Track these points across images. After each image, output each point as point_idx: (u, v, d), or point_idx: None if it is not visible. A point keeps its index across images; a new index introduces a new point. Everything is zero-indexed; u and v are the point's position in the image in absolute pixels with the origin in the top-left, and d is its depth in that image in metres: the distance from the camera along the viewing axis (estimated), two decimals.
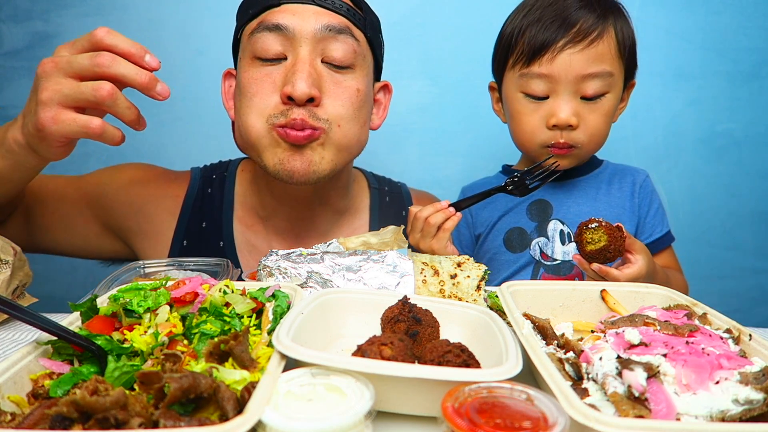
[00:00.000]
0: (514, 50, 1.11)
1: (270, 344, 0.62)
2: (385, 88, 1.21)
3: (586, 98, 1.07)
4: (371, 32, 1.09)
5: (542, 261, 1.17)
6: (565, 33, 1.05)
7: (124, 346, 0.61)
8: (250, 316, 0.68)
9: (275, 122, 0.99)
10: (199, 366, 0.55)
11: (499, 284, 0.81)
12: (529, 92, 1.10)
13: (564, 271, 1.15)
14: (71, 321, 0.67)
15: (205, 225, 1.17)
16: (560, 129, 1.09)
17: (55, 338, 0.60)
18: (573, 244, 1.16)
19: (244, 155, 1.26)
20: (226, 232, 1.16)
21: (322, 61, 1.02)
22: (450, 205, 1.02)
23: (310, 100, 0.98)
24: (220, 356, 0.57)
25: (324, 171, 1.03)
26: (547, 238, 1.17)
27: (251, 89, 1.01)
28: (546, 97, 1.09)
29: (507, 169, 1.31)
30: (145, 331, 0.63)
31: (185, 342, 0.62)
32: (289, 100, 0.98)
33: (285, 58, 1.01)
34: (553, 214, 1.19)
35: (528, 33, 1.08)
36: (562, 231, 1.17)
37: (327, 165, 1.03)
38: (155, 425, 0.47)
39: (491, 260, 1.21)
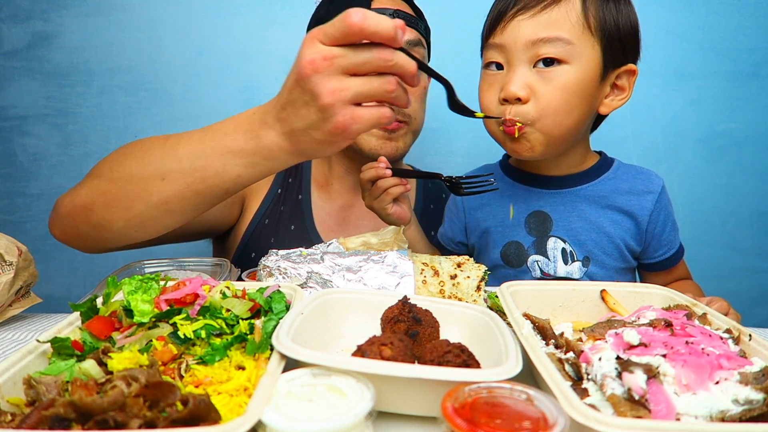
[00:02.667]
0: (483, 32, 1.08)
1: (269, 348, 0.62)
2: None
3: (543, 65, 0.97)
4: (427, 36, 1.34)
5: (544, 279, 1.10)
6: (516, 3, 0.99)
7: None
8: (248, 318, 0.68)
9: None
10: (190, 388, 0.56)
11: None
12: (487, 63, 1.05)
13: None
14: (71, 321, 0.67)
15: (290, 180, 1.42)
16: (510, 103, 0.98)
17: (55, 338, 0.60)
18: (577, 263, 1.09)
19: None
20: (304, 189, 1.41)
21: None
22: (391, 171, 1.10)
23: None
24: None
25: (405, 152, 1.33)
26: (547, 257, 1.10)
27: None
28: (503, 69, 1.02)
29: (506, 162, 1.24)
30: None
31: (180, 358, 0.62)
32: None
33: None
34: (553, 230, 1.10)
35: (491, 10, 1.05)
36: (563, 249, 1.10)
37: (407, 147, 1.33)
38: (154, 425, 0.47)
39: (491, 273, 1.13)
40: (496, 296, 0.81)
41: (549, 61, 0.96)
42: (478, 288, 0.89)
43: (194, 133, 0.85)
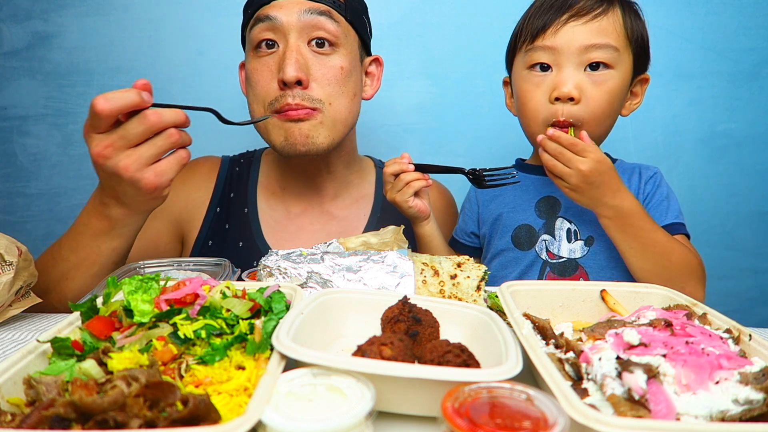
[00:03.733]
0: (521, 34, 1.13)
1: (269, 348, 0.62)
2: (376, 61, 1.36)
3: (590, 69, 1.06)
4: (351, 15, 1.22)
5: (548, 260, 1.16)
6: (568, 10, 1.07)
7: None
8: (248, 318, 0.68)
9: (273, 108, 1.15)
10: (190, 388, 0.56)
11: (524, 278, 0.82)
12: (533, 63, 1.10)
13: (569, 271, 1.15)
14: (71, 321, 0.67)
15: (233, 195, 1.36)
16: (562, 102, 1.06)
17: (55, 338, 0.60)
18: (579, 242, 1.15)
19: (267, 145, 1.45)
20: (251, 200, 1.34)
21: (309, 44, 1.16)
22: (414, 166, 1.14)
23: (299, 83, 1.13)
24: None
25: (322, 145, 1.19)
26: (553, 236, 1.17)
27: (253, 78, 1.18)
28: (550, 70, 1.09)
29: (520, 163, 1.31)
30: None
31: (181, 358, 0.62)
32: (284, 85, 1.13)
33: (278, 47, 1.16)
34: (561, 212, 1.18)
35: (533, 16, 1.11)
36: (569, 229, 1.16)
37: (325, 140, 1.19)
38: (154, 425, 0.47)
39: (500, 257, 1.21)
40: (496, 296, 0.81)
41: (595, 66, 1.06)
42: (478, 288, 0.89)
43: (65, 236, 1.03)
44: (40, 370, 0.58)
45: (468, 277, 0.90)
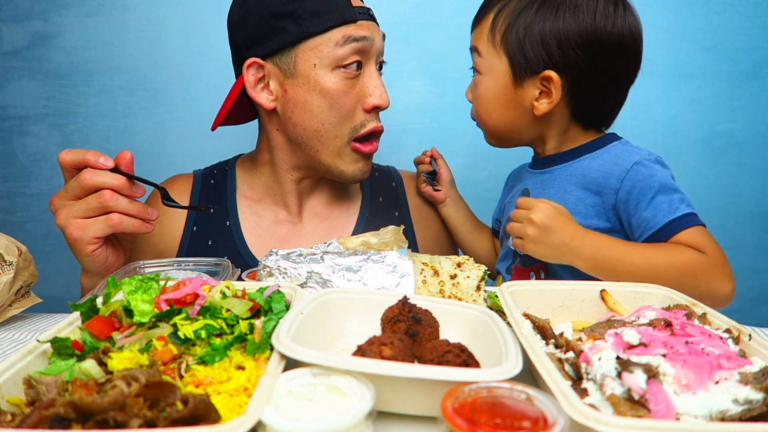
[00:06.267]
0: None
1: (269, 348, 0.62)
2: None
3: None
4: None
5: (518, 251, 1.15)
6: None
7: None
8: (248, 318, 0.68)
9: (356, 134, 1.18)
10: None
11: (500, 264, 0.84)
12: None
13: (531, 262, 1.15)
14: (71, 321, 0.67)
15: (212, 210, 1.29)
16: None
17: (55, 338, 0.60)
18: None
19: (238, 154, 1.43)
20: (231, 212, 1.29)
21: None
22: (429, 159, 1.40)
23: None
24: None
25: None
26: None
27: (341, 99, 1.14)
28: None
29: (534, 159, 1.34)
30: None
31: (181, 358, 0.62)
32: (373, 109, 1.18)
33: (360, 70, 1.16)
34: None
35: None
36: None
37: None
38: (154, 425, 0.47)
39: (502, 240, 1.31)
40: (496, 296, 0.81)
41: (472, 71, 1.17)
42: (478, 288, 0.89)
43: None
44: (40, 370, 0.58)
45: (468, 277, 0.90)
